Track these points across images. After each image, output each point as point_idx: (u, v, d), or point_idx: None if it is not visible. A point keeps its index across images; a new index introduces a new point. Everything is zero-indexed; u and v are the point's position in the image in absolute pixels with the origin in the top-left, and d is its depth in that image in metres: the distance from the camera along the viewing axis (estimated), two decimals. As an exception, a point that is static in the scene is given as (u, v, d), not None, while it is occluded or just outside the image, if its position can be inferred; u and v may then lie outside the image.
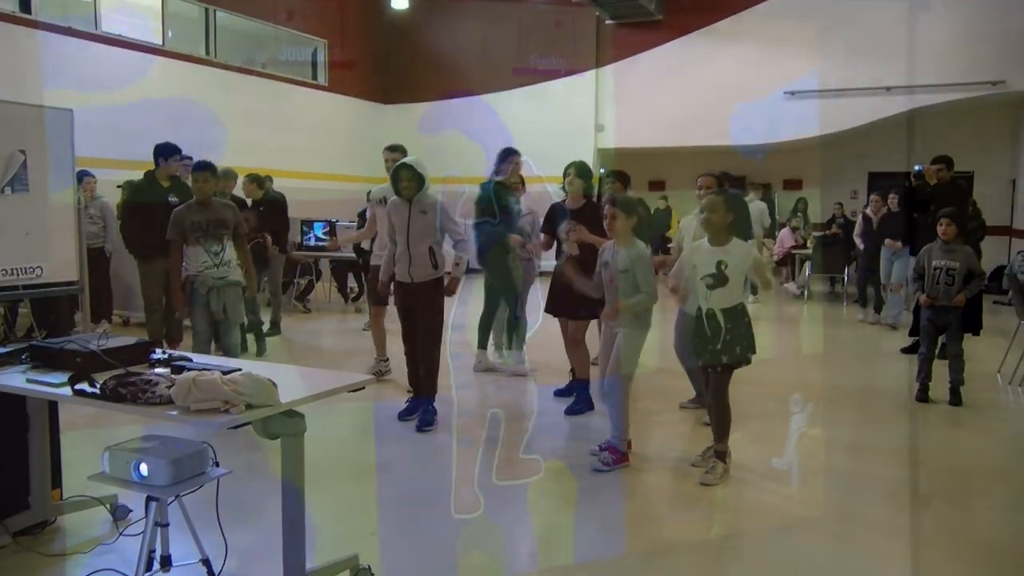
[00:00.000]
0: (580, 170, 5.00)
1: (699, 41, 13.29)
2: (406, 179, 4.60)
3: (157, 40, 10.92)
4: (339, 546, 2.98)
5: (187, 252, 4.87)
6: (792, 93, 12.24)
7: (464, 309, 5.85)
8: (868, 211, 9.17)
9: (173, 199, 5.82)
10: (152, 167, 6.19)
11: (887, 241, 8.43)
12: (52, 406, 3.26)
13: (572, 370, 5.29)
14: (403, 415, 4.85)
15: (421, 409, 4.73)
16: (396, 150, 5.38)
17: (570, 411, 5.01)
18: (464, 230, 4.85)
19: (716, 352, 3.80)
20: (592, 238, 4.54)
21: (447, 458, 4.33)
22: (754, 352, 3.85)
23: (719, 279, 3.76)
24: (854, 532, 3.38)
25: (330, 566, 2.80)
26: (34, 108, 5.43)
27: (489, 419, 4.97)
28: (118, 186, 8.09)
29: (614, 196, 4.30)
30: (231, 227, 4.96)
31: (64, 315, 6.75)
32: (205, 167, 4.96)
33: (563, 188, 5.05)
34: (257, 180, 7.63)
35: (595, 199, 5.15)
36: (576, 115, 13.78)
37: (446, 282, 4.80)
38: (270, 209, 7.66)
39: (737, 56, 12.78)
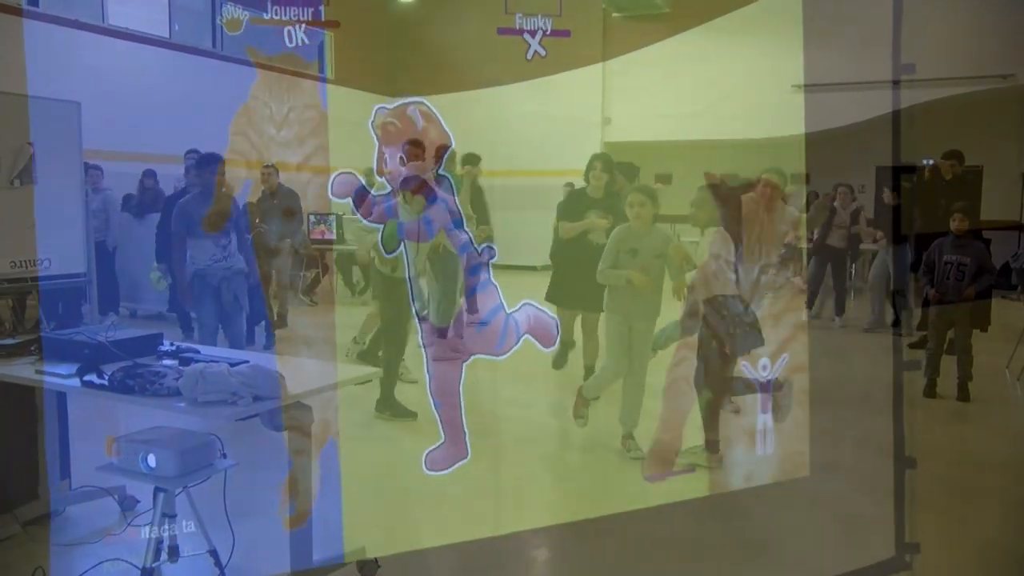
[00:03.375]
0: (606, 164, 4.99)
1: (706, 34, 13.23)
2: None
3: (164, 33, 10.93)
4: (346, 537, 2.99)
5: (194, 245, 4.99)
6: (799, 86, 12.18)
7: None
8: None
9: None
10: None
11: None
12: (61, 397, 3.28)
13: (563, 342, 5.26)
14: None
15: None
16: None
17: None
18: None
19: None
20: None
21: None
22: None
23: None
24: (859, 525, 3.37)
25: (336, 556, 2.81)
26: (41, 100, 5.44)
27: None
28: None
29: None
30: (236, 219, 5.18)
31: (72, 307, 6.77)
32: (217, 161, 5.11)
33: (585, 179, 5.01)
34: (275, 170, 7.63)
35: None
36: (583, 108, 13.74)
37: None
38: (283, 201, 7.65)
39: (743, 49, 12.72)
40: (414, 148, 3.50)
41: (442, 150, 3.48)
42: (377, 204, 3.37)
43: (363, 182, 3.35)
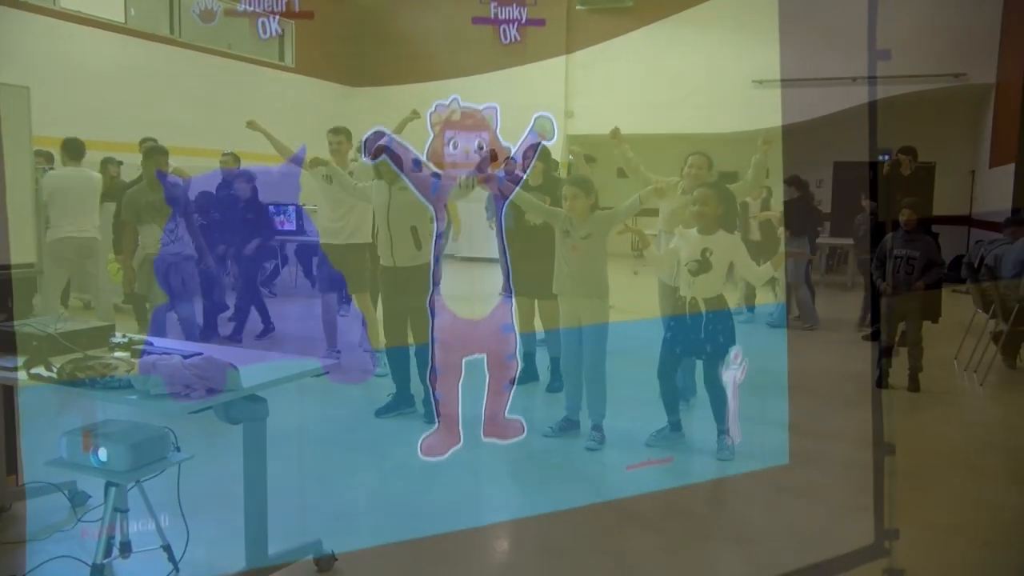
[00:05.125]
0: (539, 152, 5.04)
1: (670, 28, 13.34)
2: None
3: (119, 18, 10.67)
4: (302, 531, 2.97)
5: (142, 231, 5.21)
6: (760, 82, 12.34)
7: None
8: None
9: None
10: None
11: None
12: (8, 391, 3.20)
13: (525, 354, 5.29)
14: (382, 412, 4.70)
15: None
16: (340, 132, 5.38)
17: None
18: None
19: (700, 342, 3.89)
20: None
21: (413, 441, 4.33)
22: (734, 343, 3.93)
23: (703, 265, 3.84)
24: (815, 514, 3.45)
25: (293, 551, 2.79)
26: (-11, 85, 5.29)
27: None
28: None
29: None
30: (182, 205, 5.32)
31: (21, 298, 6.60)
32: (159, 150, 5.36)
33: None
34: (237, 159, 7.47)
35: None
36: (546, 101, 13.75)
37: None
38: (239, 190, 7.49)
39: (706, 44, 12.85)
40: (496, 142, 3.75)
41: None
42: (423, 170, 3.47)
43: (392, 137, 3.49)
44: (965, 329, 6.47)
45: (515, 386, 3.56)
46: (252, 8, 4.40)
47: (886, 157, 7.72)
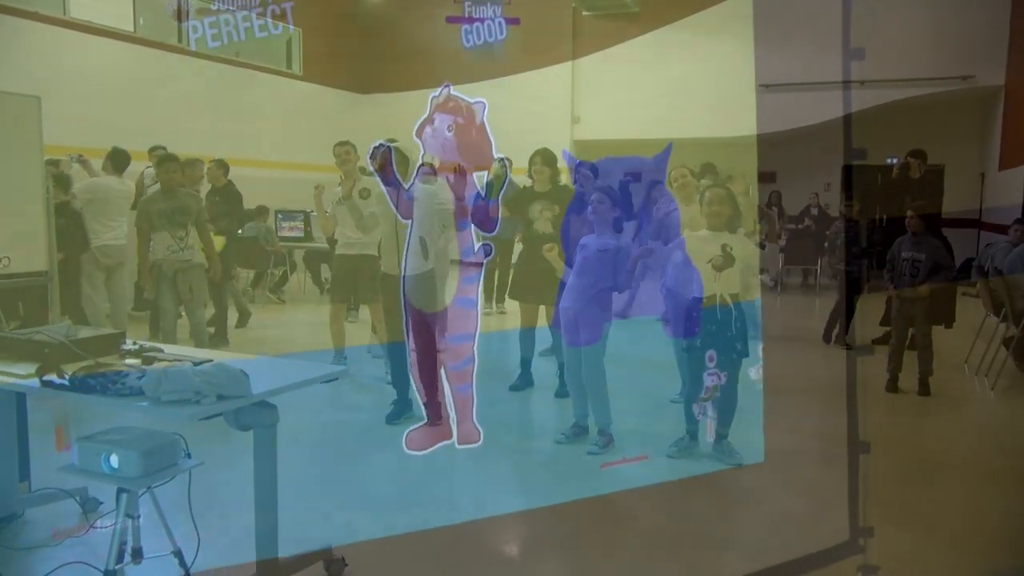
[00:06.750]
0: (546, 158, 5.07)
1: (676, 33, 13.35)
2: (397, 163, 4.50)
3: (128, 27, 10.75)
4: (312, 537, 2.98)
5: (153, 238, 5.33)
6: (767, 86, 12.33)
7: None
8: None
9: None
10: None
11: None
12: (20, 397, 3.22)
13: (523, 360, 5.29)
14: (391, 418, 4.67)
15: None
16: (345, 144, 5.44)
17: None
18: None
19: (730, 339, 3.88)
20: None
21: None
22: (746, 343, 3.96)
23: (728, 260, 3.84)
24: (821, 518, 3.44)
25: (303, 556, 2.79)
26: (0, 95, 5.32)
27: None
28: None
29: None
30: (194, 214, 5.42)
31: (33, 306, 6.65)
32: (171, 158, 5.49)
33: (529, 175, 5.12)
34: (223, 167, 7.48)
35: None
36: (552, 106, 13.78)
37: None
38: (227, 198, 7.49)
39: (712, 48, 12.85)
40: (484, 137, 3.56)
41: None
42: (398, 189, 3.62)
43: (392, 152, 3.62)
44: (975, 332, 6.44)
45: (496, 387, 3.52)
46: (225, 7, 4.41)
47: (894, 160, 7.70)
